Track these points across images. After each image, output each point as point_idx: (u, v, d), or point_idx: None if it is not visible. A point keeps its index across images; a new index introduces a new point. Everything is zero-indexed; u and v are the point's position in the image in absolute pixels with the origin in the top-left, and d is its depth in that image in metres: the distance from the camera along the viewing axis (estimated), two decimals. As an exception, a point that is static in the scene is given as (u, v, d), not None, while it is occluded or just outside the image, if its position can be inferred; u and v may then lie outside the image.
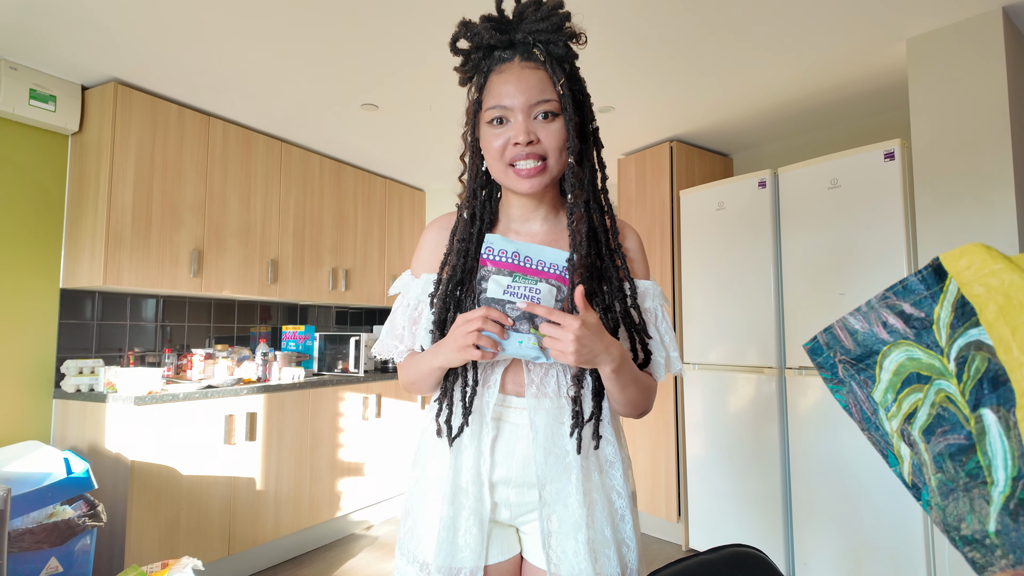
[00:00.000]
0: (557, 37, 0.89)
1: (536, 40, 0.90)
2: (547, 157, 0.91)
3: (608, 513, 0.96)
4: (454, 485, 0.96)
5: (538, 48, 0.90)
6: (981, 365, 0.60)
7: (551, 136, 0.90)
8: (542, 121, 0.90)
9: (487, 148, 0.94)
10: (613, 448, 1.00)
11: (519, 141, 0.89)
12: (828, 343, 0.75)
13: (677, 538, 3.32)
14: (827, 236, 2.62)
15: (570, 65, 0.93)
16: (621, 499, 0.98)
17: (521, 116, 0.89)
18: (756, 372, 2.85)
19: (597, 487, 0.97)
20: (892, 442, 0.72)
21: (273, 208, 3.35)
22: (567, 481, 0.94)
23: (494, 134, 0.92)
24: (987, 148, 2.19)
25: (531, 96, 0.89)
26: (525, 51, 0.91)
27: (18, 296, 2.59)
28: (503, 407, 0.96)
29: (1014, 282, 0.58)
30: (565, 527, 0.94)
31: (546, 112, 0.90)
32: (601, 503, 0.96)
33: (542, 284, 0.87)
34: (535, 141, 0.90)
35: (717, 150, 3.73)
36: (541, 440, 0.93)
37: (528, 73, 0.90)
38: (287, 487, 3.05)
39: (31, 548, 2.00)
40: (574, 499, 0.94)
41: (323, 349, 3.72)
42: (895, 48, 2.47)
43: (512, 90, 0.90)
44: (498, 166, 0.94)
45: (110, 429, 2.47)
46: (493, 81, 0.92)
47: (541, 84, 0.90)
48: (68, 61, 2.51)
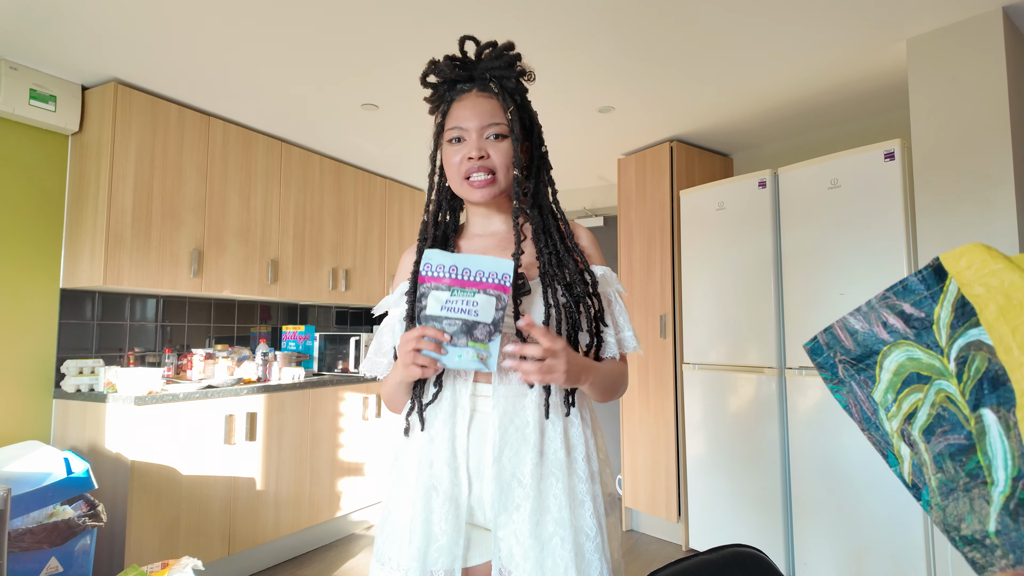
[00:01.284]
0: (509, 73, 1.06)
1: (491, 75, 1.07)
2: (496, 171, 1.05)
3: (567, 494, 0.96)
4: (429, 480, 0.99)
5: (493, 82, 1.07)
6: (981, 365, 0.60)
7: (499, 154, 1.05)
8: (492, 141, 1.05)
9: (447, 164, 1.09)
10: (577, 429, 1.02)
11: (472, 156, 1.04)
12: (828, 343, 0.75)
13: (677, 538, 3.32)
14: (827, 236, 2.62)
15: (520, 97, 1.09)
16: (582, 483, 0.99)
17: (475, 135, 1.05)
18: (756, 372, 2.85)
19: (558, 465, 0.98)
20: (892, 442, 0.72)
21: (273, 208, 3.35)
22: (525, 450, 0.97)
23: (453, 151, 1.07)
24: (987, 148, 2.19)
25: (483, 120, 1.05)
26: (482, 84, 1.08)
27: (18, 296, 2.59)
28: (475, 396, 1.01)
29: (1014, 282, 0.58)
30: (515, 493, 0.97)
31: (496, 134, 1.05)
32: (561, 483, 0.97)
33: (479, 296, 0.91)
34: (485, 156, 1.05)
35: (717, 150, 3.73)
36: (501, 410, 0.98)
37: (483, 101, 1.06)
38: (287, 487, 3.05)
39: (31, 548, 2.00)
40: (528, 469, 0.97)
41: (323, 349, 3.71)
42: (895, 48, 2.47)
43: (468, 114, 1.06)
44: (456, 179, 1.08)
45: (110, 429, 2.47)
46: (454, 108, 1.08)
47: (493, 110, 1.06)
48: (68, 61, 2.51)
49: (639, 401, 3.49)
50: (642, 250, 3.53)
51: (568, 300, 1.00)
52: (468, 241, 1.15)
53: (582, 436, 1.01)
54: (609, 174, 4.17)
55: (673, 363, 3.30)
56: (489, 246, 1.12)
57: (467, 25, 2.24)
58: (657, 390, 3.38)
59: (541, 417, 0.98)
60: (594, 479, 1.00)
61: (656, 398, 3.39)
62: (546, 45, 2.42)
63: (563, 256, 1.05)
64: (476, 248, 1.13)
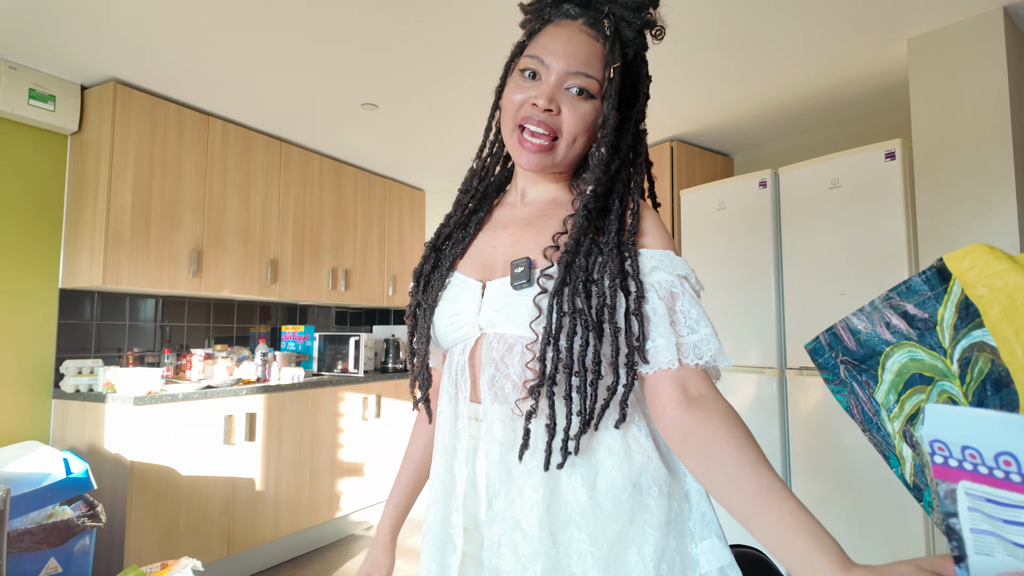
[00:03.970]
0: (633, 16, 0.78)
1: (610, 11, 0.78)
2: (559, 137, 0.79)
3: (599, 545, 0.71)
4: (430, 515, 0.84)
5: (608, 20, 0.78)
6: (984, 367, 0.60)
7: (574, 115, 0.78)
8: (574, 96, 0.78)
9: (507, 98, 0.82)
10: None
11: (537, 103, 0.77)
12: (830, 343, 0.75)
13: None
14: (828, 236, 2.61)
15: (635, 52, 0.81)
16: (656, 529, 0.71)
17: (555, 77, 0.77)
18: (757, 372, 2.84)
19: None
20: (894, 443, 0.71)
21: (273, 208, 3.35)
22: (530, 480, 0.73)
23: (520, 86, 0.80)
24: (988, 148, 2.18)
25: (573, 63, 0.77)
26: (594, 17, 0.79)
27: (17, 296, 2.59)
28: (476, 421, 0.79)
29: (1018, 283, 0.57)
30: (514, 536, 0.72)
31: (582, 87, 0.77)
32: (586, 529, 0.71)
33: None
34: (555, 111, 0.78)
35: (717, 150, 3.73)
36: (497, 433, 0.76)
37: (584, 39, 0.78)
38: (286, 487, 3.04)
39: (30, 548, 2.00)
40: (529, 504, 0.72)
41: (323, 349, 3.71)
42: (896, 48, 2.46)
43: (559, 49, 0.78)
44: (509, 123, 0.82)
45: (109, 429, 2.47)
46: (546, 31, 0.80)
47: (591, 56, 0.77)
48: (67, 61, 2.51)
49: (639, 401, 3.48)
50: (642, 250, 3.53)
51: (583, 305, 0.72)
52: (501, 210, 0.91)
53: (626, 458, 0.75)
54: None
55: (673, 363, 3.29)
56: (516, 218, 0.86)
57: (468, 24, 2.23)
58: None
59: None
60: (648, 522, 0.73)
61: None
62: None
63: (607, 245, 0.76)
64: (502, 220, 0.88)
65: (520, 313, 0.75)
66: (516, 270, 0.76)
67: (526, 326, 0.74)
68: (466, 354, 0.80)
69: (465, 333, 0.81)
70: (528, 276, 0.75)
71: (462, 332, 0.81)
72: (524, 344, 0.75)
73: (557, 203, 0.85)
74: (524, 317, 0.74)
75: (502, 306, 0.77)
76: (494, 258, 0.83)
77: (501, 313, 0.77)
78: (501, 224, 0.87)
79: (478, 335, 0.80)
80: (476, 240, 0.88)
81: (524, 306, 0.75)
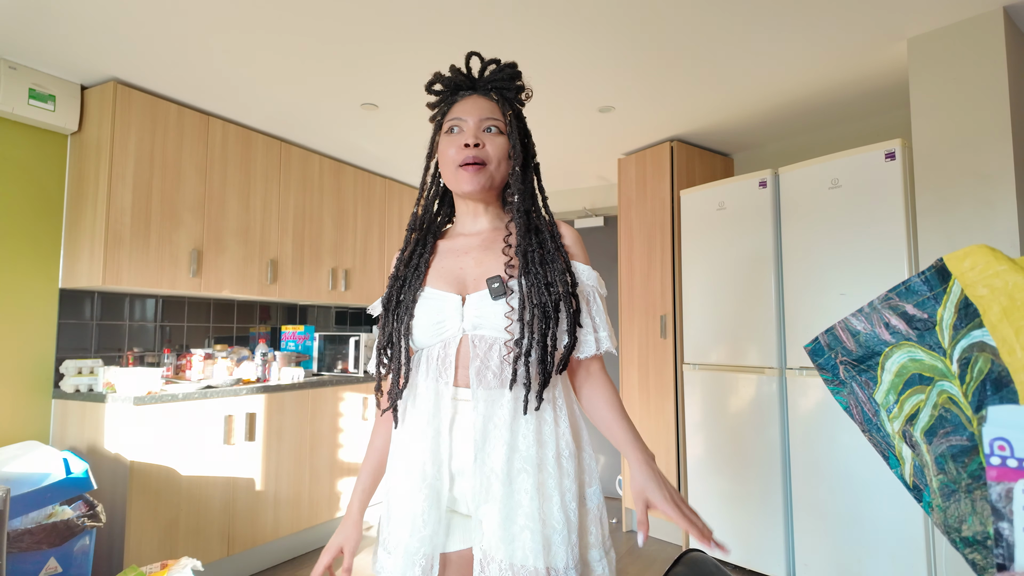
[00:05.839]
0: (509, 85, 1.13)
1: (493, 86, 1.13)
2: (489, 163, 1.08)
3: (536, 489, 1.00)
4: (416, 474, 1.05)
5: (494, 91, 1.13)
6: (984, 366, 0.60)
7: (494, 146, 1.09)
8: (489, 134, 1.09)
9: (442, 155, 1.11)
10: (550, 427, 1.04)
11: (468, 143, 1.07)
12: (830, 344, 0.75)
13: (677, 539, 3.31)
14: (828, 236, 2.61)
15: (518, 108, 1.15)
16: (551, 479, 1.01)
17: (473, 125, 1.09)
18: (757, 372, 2.84)
19: (529, 461, 1.01)
20: (893, 443, 0.71)
21: (273, 208, 3.35)
22: (500, 446, 1.01)
23: (449, 141, 1.10)
24: (988, 148, 2.18)
25: (482, 114, 1.10)
26: (484, 91, 1.13)
27: (17, 296, 2.59)
28: (456, 400, 1.04)
29: (1018, 284, 0.57)
30: (492, 486, 1.01)
31: (493, 126, 1.10)
32: (531, 478, 1.00)
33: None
34: (481, 145, 1.08)
35: (718, 150, 3.73)
36: (481, 411, 1.01)
37: (484, 101, 1.12)
38: (286, 487, 3.04)
39: (30, 548, 2.00)
40: (501, 464, 1.00)
41: (322, 349, 3.71)
42: (896, 48, 2.46)
43: (470, 108, 1.11)
44: (449, 168, 1.10)
45: (109, 429, 2.47)
46: (456, 106, 1.13)
47: (492, 109, 1.11)
48: (67, 61, 2.51)
49: (639, 401, 3.48)
50: (642, 250, 3.53)
51: (547, 299, 1.01)
52: (451, 241, 1.16)
53: (554, 434, 1.04)
54: (609, 174, 4.16)
55: (673, 363, 3.29)
56: (472, 245, 1.13)
57: (468, 25, 2.23)
58: (657, 390, 3.38)
59: (515, 416, 1.01)
60: (565, 475, 1.02)
61: (656, 398, 3.38)
62: (546, 45, 2.41)
63: (550, 255, 1.07)
64: (459, 248, 1.14)
65: (497, 317, 1.03)
66: (493, 285, 1.03)
67: (502, 328, 1.02)
68: (448, 350, 1.05)
69: (449, 335, 1.05)
70: (503, 289, 1.03)
71: (447, 334, 1.06)
72: (501, 342, 1.03)
73: (498, 229, 1.15)
74: (500, 320, 1.02)
75: (483, 313, 1.04)
76: (464, 277, 1.10)
77: (482, 319, 1.03)
78: (462, 250, 1.13)
79: (461, 336, 1.05)
80: (437, 263, 1.13)
81: (498, 315, 1.02)
